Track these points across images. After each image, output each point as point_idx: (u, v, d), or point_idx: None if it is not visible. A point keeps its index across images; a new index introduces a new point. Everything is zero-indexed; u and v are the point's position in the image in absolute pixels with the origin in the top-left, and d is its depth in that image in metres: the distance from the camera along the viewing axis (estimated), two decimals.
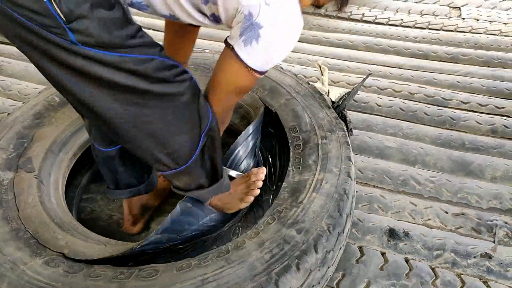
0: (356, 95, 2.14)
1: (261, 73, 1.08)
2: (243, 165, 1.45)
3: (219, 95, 1.17)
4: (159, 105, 1.00)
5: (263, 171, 1.34)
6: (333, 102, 1.66)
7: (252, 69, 1.05)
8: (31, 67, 2.23)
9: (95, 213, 1.66)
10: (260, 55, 1.04)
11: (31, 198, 1.24)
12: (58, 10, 0.80)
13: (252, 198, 1.31)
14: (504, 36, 2.61)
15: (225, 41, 1.07)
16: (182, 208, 1.26)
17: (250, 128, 1.43)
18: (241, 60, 1.04)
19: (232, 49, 1.04)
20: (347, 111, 1.69)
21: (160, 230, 1.19)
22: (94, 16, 0.84)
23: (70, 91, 0.94)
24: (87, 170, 1.70)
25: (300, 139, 1.44)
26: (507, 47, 2.51)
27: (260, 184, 1.32)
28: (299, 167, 1.34)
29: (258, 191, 1.31)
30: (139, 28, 0.94)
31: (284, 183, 1.30)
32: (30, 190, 1.26)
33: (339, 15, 2.93)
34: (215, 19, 1.10)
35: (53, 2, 0.79)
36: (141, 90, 0.95)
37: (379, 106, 2.09)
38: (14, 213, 1.18)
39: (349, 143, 1.40)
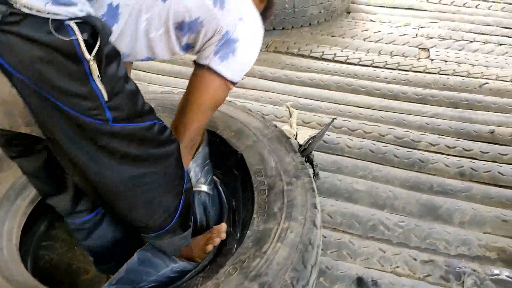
0: (327, 136, 2.14)
1: (235, 83, 1.20)
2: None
3: (198, 116, 1.22)
4: (157, 167, 1.02)
5: (224, 230, 1.33)
6: (300, 145, 1.65)
7: (229, 81, 1.16)
8: None
9: (54, 261, 1.58)
10: (236, 66, 1.16)
11: None
12: (102, 89, 0.80)
13: (211, 247, 1.29)
14: (472, 77, 2.67)
15: (197, 63, 1.14)
16: (140, 257, 1.20)
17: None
18: (220, 75, 1.14)
19: (208, 68, 1.13)
20: (314, 154, 1.67)
21: (114, 281, 1.13)
22: (126, 90, 0.86)
23: (81, 163, 0.92)
24: (46, 216, 1.63)
25: (265, 184, 1.40)
26: (475, 88, 2.56)
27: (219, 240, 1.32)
28: (264, 215, 1.30)
29: (218, 241, 1.30)
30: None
31: (248, 231, 1.26)
32: None
33: (311, 54, 2.96)
34: (187, 48, 1.17)
35: (97, 82, 0.80)
36: (147, 156, 0.98)
37: (349, 147, 2.09)
38: None
39: (315, 189, 1.38)
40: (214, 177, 1.54)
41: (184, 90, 1.23)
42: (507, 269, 1.54)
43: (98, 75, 0.79)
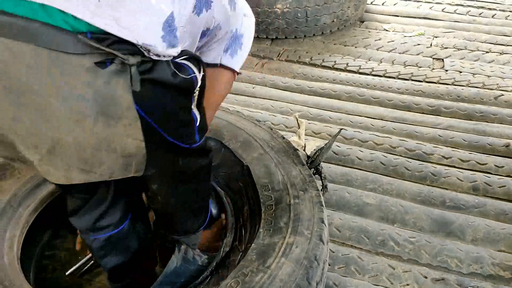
0: (337, 147, 2.11)
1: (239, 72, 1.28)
2: None
3: (213, 114, 1.28)
4: (207, 175, 1.18)
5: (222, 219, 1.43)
6: (308, 157, 1.62)
7: (237, 72, 1.24)
8: None
9: (57, 271, 1.57)
10: (242, 58, 1.24)
11: None
12: (197, 114, 0.93)
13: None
14: (487, 89, 2.61)
15: (208, 65, 1.18)
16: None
17: None
18: (231, 69, 1.21)
19: (221, 65, 1.19)
20: (323, 166, 1.64)
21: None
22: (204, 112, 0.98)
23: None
24: (50, 226, 1.62)
25: (272, 199, 1.37)
26: (490, 100, 2.50)
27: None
28: (270, 230, 1.27)
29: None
30: None
31: (253, 244, 1.23)
32: None
33: (323, 64, 2.93)
34: (197, 50, 1.19)
35: (194, 108, 0.92)
36: (205, 165, 1.10)
37: (360, 159, 2.05)
38: None
39: (323, 203, 1.34)
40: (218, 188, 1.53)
41: None
42: None
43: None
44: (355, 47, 3.14)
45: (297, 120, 1.86)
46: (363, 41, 3.21)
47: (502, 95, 2.53)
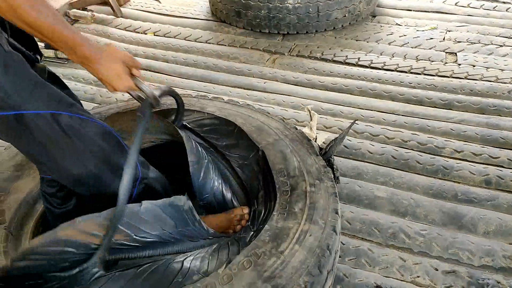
0: (348, 141, 2.11)
1: None
2: None
3: None
4: None
5: (247, 211, 1.40)
6: (320, 149, 1.63)
7: None
8: None
9: None
10: None
11: None
12: None
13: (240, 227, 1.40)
14: (500, 83, 2.59)
15: None
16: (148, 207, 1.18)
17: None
18: None
19: None
20: (335, 158, 1.65)
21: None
22: None
23: None
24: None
25: (287, 185, 1.36)
26: (503, 94, 2.48)
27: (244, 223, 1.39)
28: (284, 213, 1.27)
29: (244, 223, 1.40)
30: None
31: (266, 225, 1.23)
32: None
33: (335, 59, 2.93)
34: None
35: None
36: None
37: (371, 153, 2.05)
38: None
39: (337, 195, 1.35)
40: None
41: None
42: None
43: None
44: (367, 42, 3.13)
45: (309, 112, 1.87)
46: (375, 35, 3.20)
47: None
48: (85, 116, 1.16)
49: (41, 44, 1.26)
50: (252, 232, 1.36)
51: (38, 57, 1.23)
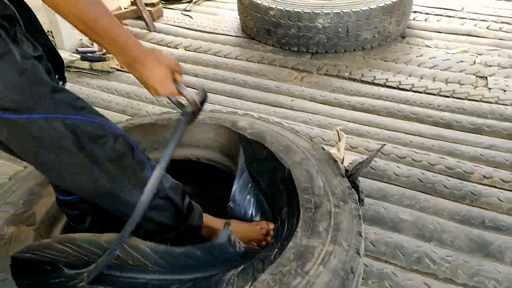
0: (374, 162, 2.11)
1: None
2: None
3: None
4: None
5: (272, 227, 1.45)
6: (346, 171, 1.63)
7: None
8: None
9: None
10: None
11: None
12: None
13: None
14: None
15: None
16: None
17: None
18: None
19: None
20: (360, 180, 1.65)
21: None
22: None
23: None
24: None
25: (311, 202, 1.38)
26: None
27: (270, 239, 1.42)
28: (308, 231, 1.28)
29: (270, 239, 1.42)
30: None
31: (290, 242, 1.24)
32: (27, 242, 1.26)
33: (363, 79, 2.94)
34: None
35: None
36: None
37: (397, 175, 2.04)
38: (7, 264, 1.18)
39: (361, 217, 1.35)
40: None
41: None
42: None
43: None
44: (396, 63, 3.13)
45: (338, 133, 1.88)
46: (404, 56, 3.20)
47: None
48: (102, 121, 1.10)
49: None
50: (276, 250, 1.37)
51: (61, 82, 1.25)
